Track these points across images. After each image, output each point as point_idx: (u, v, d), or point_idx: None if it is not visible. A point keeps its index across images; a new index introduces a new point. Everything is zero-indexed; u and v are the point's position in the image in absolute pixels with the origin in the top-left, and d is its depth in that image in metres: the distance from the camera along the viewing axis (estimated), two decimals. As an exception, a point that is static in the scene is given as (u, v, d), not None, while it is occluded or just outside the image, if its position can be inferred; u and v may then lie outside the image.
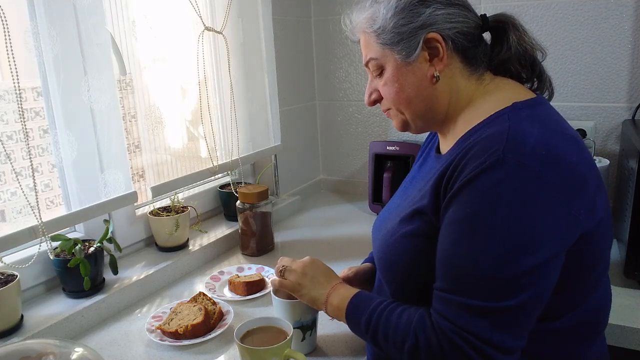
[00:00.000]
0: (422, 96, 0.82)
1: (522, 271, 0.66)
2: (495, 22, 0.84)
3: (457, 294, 0.69)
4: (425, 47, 0.80)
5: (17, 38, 0.97)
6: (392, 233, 0.83)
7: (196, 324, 1.03)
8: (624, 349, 1.04)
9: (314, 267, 0.95)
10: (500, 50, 0.83)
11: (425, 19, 0.78)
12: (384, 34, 0.81)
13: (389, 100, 0.85)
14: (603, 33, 1.49)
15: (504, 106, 0.77)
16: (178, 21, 1.49)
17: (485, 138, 0.72)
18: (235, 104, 1.61)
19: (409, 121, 0.87)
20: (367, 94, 0.90)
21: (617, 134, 1.52)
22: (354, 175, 2.03)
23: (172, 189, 1.42)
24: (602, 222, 0.74)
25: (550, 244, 0.68)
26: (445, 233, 0.73)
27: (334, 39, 1.93)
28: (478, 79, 0.83)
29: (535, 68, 0.85)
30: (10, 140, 1.14)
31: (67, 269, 1.10)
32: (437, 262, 0.74)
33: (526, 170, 0.67)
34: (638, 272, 1.13)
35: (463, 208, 0.70)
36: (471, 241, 0.69)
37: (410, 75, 0.81)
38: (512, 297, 0.67)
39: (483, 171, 0.68)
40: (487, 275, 0.67)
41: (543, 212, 0.67)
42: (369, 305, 0.82)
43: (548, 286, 0.70)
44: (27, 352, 0.80)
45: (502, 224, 0.67)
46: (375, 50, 0.84)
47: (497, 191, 0.67)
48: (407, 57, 0.80)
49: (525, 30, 0.84)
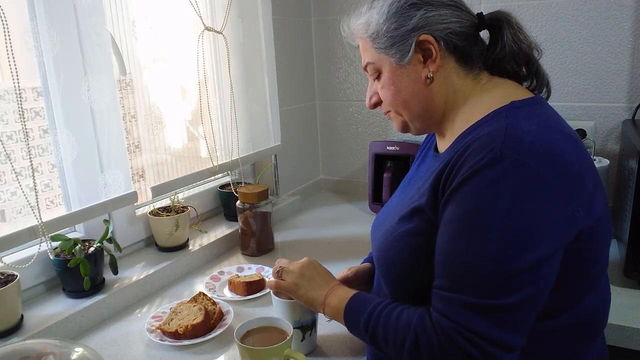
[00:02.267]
0: (418, 97, 0.84)
1: (522, 268, 0.66)
2: (490, 20, 0.84)
3: (457, 292, 0.69)
4: (418, 50, 0.81)
5: (17, 38, 0.97)
6: (391, 232, 0.83)
7: (196, 324, 1.03)
8: (624, 349, 1.04)
9: (312, 268, 0.95)
10: (495, 49, 0.83)
11: (416, 22, 0.80)
12: (378, 38, 0.83)
13: (387, 102, 0.87)
14: (603, 33, 1.49)
15: (502, 104, 0.77)
16: (178, 21, 1.49)
17: (483, 136, 0.72)
18: (235, 104, 1.61)
19: (407, 122, 0.88)
20: (367, 97, 0.92)
21: (617, 134, 1.52)
22: (354, 175, 2.03)
23: (172, 189, 1.42)
24: (601, 220, 0.74)
25: (549, 241, 0.68)
26: (443, 231, 0.73)
27: (334, 39, 1.93)
28: (474, 79, 0.83)
29: (532, 66, 0.85)
30: (10, 140, 1.14)
31: (67, 269, 1.10)
32: (435, 261, 0.74)
33: (524, 167, 0.67)
34: (638, 272, 1.13)
35: (461, 206, 0.70)
36: (470, 239, 0.69)
37: (405, 77, 0.83)
38: (512, 294, 0.67)
39: (481, 168, 0.69)
40: (486, 273, 0.67)
41: (541, 209, 0.67)
42: (367, 306, 0.82)
43: (547, 283, 0.70)
44: (27, 352, 0.80)
45: (501, 221, 0.67)
46: (371, 55, 0.86)
47: (495, 188, 0.68)
48: (400, 60, 0.82)
49: (520, 27, 0.84)
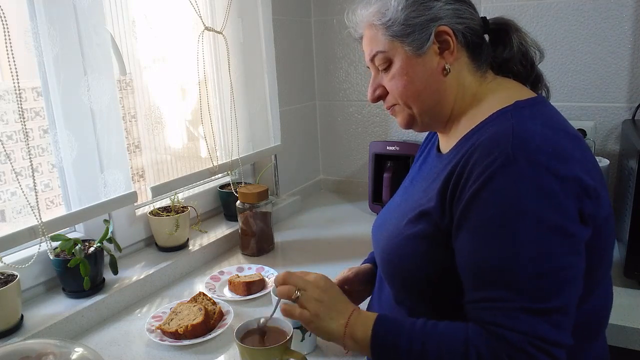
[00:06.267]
0: (431, 89, 0.82)
1: (561, 263, 0.67)
2: (495, 25, 0.85)
3: (509, 301, 0.67)
4: (435, 40, 0.81)
5: (17, 38, 0.97)
6: (397, 234, 0.83)
7: (196, 324, 1.03)
8: (624, 349, 1.04)
9: (330, 293, 0.83)
10: (502, 50, 0.85)
11: (435, 12, 0.80)
12: (394, 26, 0.81)
13: (396, 94, 0.84)
14: (603, 33, 1.49)
15: (506, 104, 0.78)
16: (178, 21, 1.49)
17: (490, 137, 0.72)
18: (235, 104, 1.61)
19: (415, 116, 0.86)
20: (370, 90, 0.88)
21: (617, 134, 1.52)
22: (354, 175, 2.03)
23: (172, 189, 1.42)
24: (608, 219, 0.74)
25: (577, 232, 0.68)
26: (472, 241, 0.71)
27: (334, 39, 1.93)
28: (482, 76, 0.84)
29: (534, 68, 0.87)
30: (10, 140, 1.14)
31: (67, 269, 1.10)
32: (470, 273, 0.71)
33: (538, 165, 0.67)
34: (638, 272, 1.13)
35: (486, 211, 0.69)
36: (507, 241, 0.68)
37: (420, 67, 0.82)
38: (559, 293, 0.67)
39: (496, 171, 0.68)
40: (534, 273, 0.66)
41: (562, 202, 0.67)
42: (401, 326, 0.75)
43: (582, 275, 0.70)
44: (27, 352, 0.80)
45: (531, 217, 0.67)
46: (383, 43, 0.83)
47: (517, 187, 0.67)
48: (417, 49, 0.81)
49: (525, 32, 0.86)
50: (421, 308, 0.82)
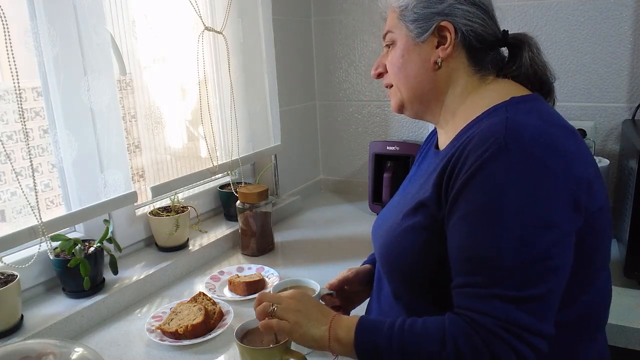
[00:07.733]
0: (420, 78, 0.86)
1: (544, 253, 0.67)
2: (513, 39, 0.86)
3: (488, 287, 0.68)
4: (436, 33, 0.83)
5: (17, 38, 0.97)
6: (395, 227, 0.83)
7: (196, 324, 1.03)
8: (624, 349, 1.04)
9: (306, 302, 0.84)
10: (511, 66, 0.86)
11: (444, 8, 0.83)
12: (406, 11, 0.86)
13: (391, 73, 0.89)
14: (603, 33, 1.49)
15: (501, 100, 0.79)
16: (178, 21, 1.49)
17: (484, 129, 0.73)
18: (235, 104, 1.61)
19: (404, 101, 0.90)
20: (374, 67, 0.94)
21: (617, 134, 1.52)
22: (354, 175, 2.03)
23: (172, 189, 1.42)
24: (602, 211, 0.75)
25: (564, 224, 0.69)
26: (458, 227, 0.72)
27: (334, 39, 1.93)
28: (481, 79, 0.85)
29: (544, 87, 0.87)
30: (10, 140, 1.14)
31: (67, 269, 1.10)
32: (453, 259, 0.73)
33: (529, 156, 0.68)
34: (638, 272, 1.13)
35: (474, 200, 0.70)
36: (489, 231, 0.69)
37: (415, 55, 0.85)
38: (539, 282, 0.67)
39: (488, 160, 0.69)
40: (514, 262, 0.67)
41: (549, 193, 0.68)
42: (381, 327, 0.75)
43: (567, 269, 0.70)
44: (27, 352, 0.80)
45: (516, 210, 0.67)
46: (394, 24, 0.88)
47: (506, 179, 0.68)
48: (417, 36, 0.84)
49: (539, 51, 0.86)
50: (420, 303, 0.82)
